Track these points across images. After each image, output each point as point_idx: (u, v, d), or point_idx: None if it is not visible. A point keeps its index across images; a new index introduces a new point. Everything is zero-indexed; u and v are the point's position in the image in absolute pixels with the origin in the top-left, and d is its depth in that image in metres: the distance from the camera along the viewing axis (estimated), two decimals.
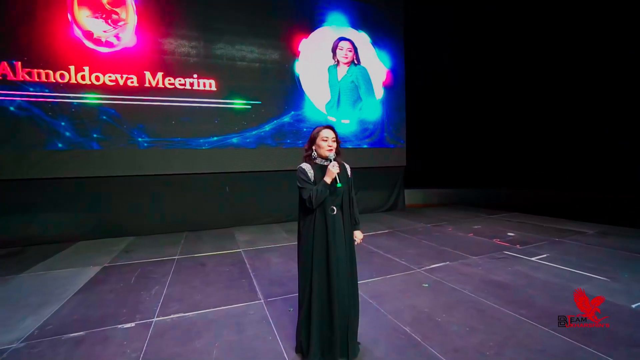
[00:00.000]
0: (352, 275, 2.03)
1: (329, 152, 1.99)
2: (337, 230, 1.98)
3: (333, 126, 2.11)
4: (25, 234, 5.00)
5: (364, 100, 7.42)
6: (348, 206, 2.08)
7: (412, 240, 5.00)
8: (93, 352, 2.20)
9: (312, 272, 1.93)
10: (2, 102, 4.73)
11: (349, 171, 2.17)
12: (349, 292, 1.97)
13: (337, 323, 1.88)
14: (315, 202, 1.90)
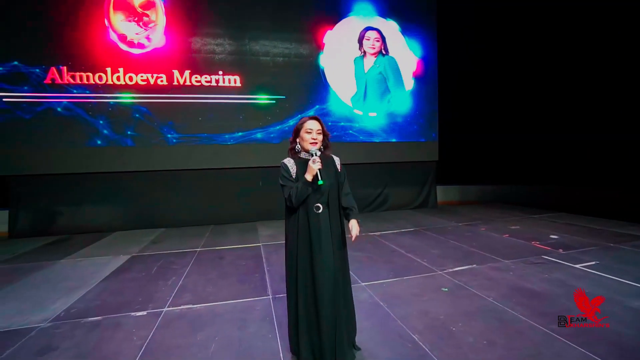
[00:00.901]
0: (343, 278, 1.88)
1: (312, 145, 1.84)
2: (323, 230, 1.82)
3: (319, 117, 1.93)
4: (71, 224, 5.50)
5: (393, 92, 7.09)
6: (336, 204, 1.90)
7: (439, 240, 4.67)
8: (103, 337, 2.31)
9: (297, 276, 1.81)
10: (51, 103, 5.22)
11: (338, 165, 1.99)
12: (337, 296, 1.81)
13: (324, 329, 1.76)
14: (296, 201, 1.77)
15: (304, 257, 1.80)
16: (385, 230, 5.39)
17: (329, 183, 1.85)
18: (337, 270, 1.83)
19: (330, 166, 1.93)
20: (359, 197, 7.04)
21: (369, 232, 5.26)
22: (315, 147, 1.83)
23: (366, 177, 7.13)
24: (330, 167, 1.93)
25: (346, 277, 1.92)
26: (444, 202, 8.24)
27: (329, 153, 2.00)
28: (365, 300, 2.78)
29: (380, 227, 5.58)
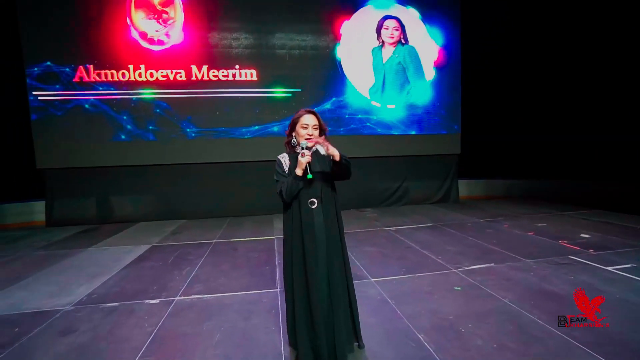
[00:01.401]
0: (341, 274, 1.83)
1: (308, 141, 1.76)
2: (317, 226, 1.78)
3: (315, 112, 1.85)
4: (100, 214, 5.83)
5: (412, 82, 6.84)
6: (331, 198, 1.85)
7: (457, 237, 4.49)
8: (117, 322, 2.43)
9: (293, 271, 1.79)
10: (80, 101, 5.52)
11: None
12: (333, 293, 1.77)
13: (319, 326, 1.73)
14: (287, 196, 1.74)
15: (298, 253, 1.77)
16: (401, 225, 5.26)
17: (322, 177, 1.81)
18: (333, 267, 1.79)
19: (326, 161, 1.86)
20: (377, 191, 6.94)
21: (385, 227, 5.16)
22: (305, 142, 1.75)
23: (384, 171, 6.98)
24: (326, 162, 1.86)
25: (344, 272, 1.86)
26: (468, 196, 7.92)
27: None
28: (373, 297, 2.73)
29: (396, 222, 5.46)
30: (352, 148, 6.66)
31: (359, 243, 4.34)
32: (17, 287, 3.17)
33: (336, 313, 1.77)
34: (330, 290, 1.76)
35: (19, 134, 5.88)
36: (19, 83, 5.49)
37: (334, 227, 1.85)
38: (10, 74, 5.65)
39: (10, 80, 5.68)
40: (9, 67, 5.64)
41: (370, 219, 5.83)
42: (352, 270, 3.30)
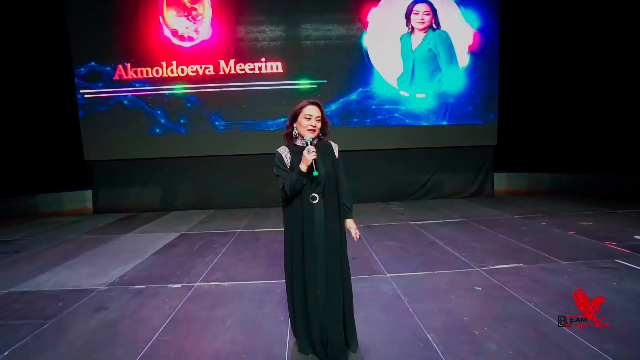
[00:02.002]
0: (340, 272, 1.80)
1: (310, 132, 1.73)
2: (317, 222, 1.76)
3: (319, 103, 1.80)
4: (138, 203, 6.30)
5: (444, 70, 6.46)
6: (334, 194, 1.80)
7: (486, 234, 4.23)
8: (142, 303, 2.62)
9: (293, 266, 1.79)
10: (119, 97, 5.94)
11: (336, 152, 1.87)
12: (332, 289, 1.75)
13: (316, 321, 1.74)
14: (290, 192, 1.71)
15: (298, 248, 1.77)
16: (427, 219, 5.06)
17: (326, 173, 1.76)
18: (331, 264, 1.76)
19: (328, 154, 1.83)
20: (405, 184, 6.72)
21: (409, 221, 5.00)
22: (310, 136, 1.73)
23: (412, 164, 6.74)
24: (327, 156, 1.83)
25: (342, 270, 1.82)
26: (506, 191, 7.42)
27: (326, 140, 1.90)
28: (386, 292, 2.67)
29: (422, 217, 5.26)
30: (379, 139, 6.51)
31: (380, 237, 4.25)
32: (64, 266, 3.54)
33: (334, 310, 1.76)
34: (327, 287, 1.75)
35: (74, 129, 6.46)
36: (69, 82, 6.04)
37: (335, 223, 1.81)
38: (61, 74, 6.24)
39: (61, 80, 6.27)
40: (59, 69, 6.22)
41: (396, 213, 5.69)
42: (369, 264, 3.29)
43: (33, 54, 6.55)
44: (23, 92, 6.69)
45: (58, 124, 6.90)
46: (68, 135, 6.76)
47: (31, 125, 6.83)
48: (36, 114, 6.80)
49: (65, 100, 6.26)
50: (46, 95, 6.79)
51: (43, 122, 6.87)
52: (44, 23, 6.48)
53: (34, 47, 6.54)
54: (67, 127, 6.71)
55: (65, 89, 6.20)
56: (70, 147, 6.71)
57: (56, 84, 6.57)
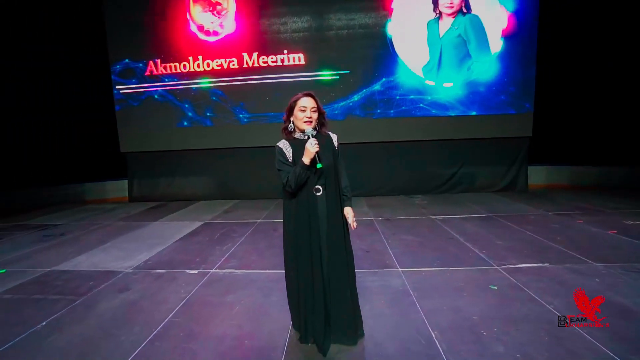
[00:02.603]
0: (341, 263, 1.80)
1: (307, 124, 1.74)
2: (321, 213, 1.79)
3: (313, 94, 1.79)
4: (168, 192, 6.67)
5: (475, 57, 6.08)
6: (335, 185, 1.81)
7: (512, 230, 3.98)
8: (160, 287, 2.80)
9: (297, 259, 1.81)
10: (150, 92, 6.28)
11: (335, 143, 1.88)
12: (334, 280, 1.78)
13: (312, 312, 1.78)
14: (295, 185, 1.73)
15: (302, 241, 1.79)
16: (450, 214, 4.87)
17: (327, 164, 1.77)
18: (335, 254, 1.78)
19: (328, 146, 1.83)
20: (430, 177, 6.49)
21: (431, 215, 4.84)
22: (309, 127, 1.74)
23: (438, 156, 6.47)
24: (328, 147, 1.83)
25: (344, 261, 1.82)
26: (544, 185, 6.91)
27: (325, 131, 1.89)
28: (395, 287, 2.62)
29: (446, 211, 5.06)
30: (403, 131, 6.32)
31: (397, 230, 4.17)
32: (99, 249, 3.86)
33: (339, 298, 1.79)
34: (332, 277, 1.78)
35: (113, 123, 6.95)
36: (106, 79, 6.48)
37: (337, 214, 1.82)
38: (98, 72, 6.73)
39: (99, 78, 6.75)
40: (96, 66, 6.70)
41: (418, 206, 5.52)
42: (382, 258, 3.25)
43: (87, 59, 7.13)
44: (66, 91, 7.29)
45: (101, 118, 7.45)
46: (110, 128, 7.29)
47: (77, 121, 7.45)
48: (79, 111, 7.40)
49: (105, 97, 6.70)
50: (87, 93, 7.35)
51: (87, 118, 7.46)
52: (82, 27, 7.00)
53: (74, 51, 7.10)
54: (110, 121, 7.23)
55: (104, 86, 6.64)
56: (111, 139, 7.24)
57: (95, 81, 7.08)
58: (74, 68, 7.27)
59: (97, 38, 6.58)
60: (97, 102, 7.15)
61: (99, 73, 6.80)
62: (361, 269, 2.98)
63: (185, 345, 1.99)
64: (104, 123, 7.15)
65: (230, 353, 1.91)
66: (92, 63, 7.07)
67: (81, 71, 7.31)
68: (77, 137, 7.51)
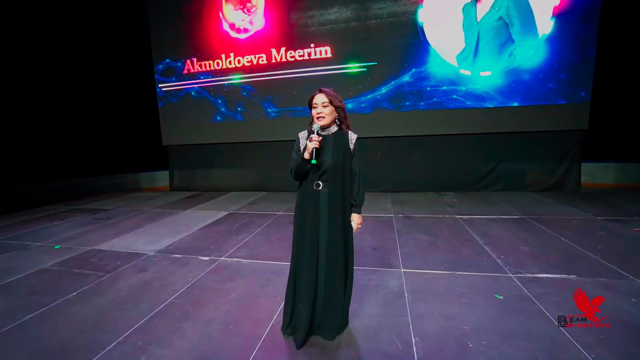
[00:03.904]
0: (336, 260, 1.83)
1: (319, 120, 1.78)
2: (322, 208, 1.82)
3: (326, 89, 1.80)
4: (204, 183, 7.15)
5: (518, 41, 5.47)
6: (338, 184, 1.81)
7: (544, 235, 3.58)
8: (173, 270, 3.05)
9: (297, 248, 1.90)
10: (187, 89, 6.74)
11: (351, 143, 1.85)
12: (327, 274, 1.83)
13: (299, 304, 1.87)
14: (294, 175, 1.84)
15: (302, 233, 1.86)
16: (478, 214, 4.52)
17: (333, 163, 1.79)
18: (332, 252, 1.82)
19: (340, 145, 1.82)
20: (464, 174, 6.09)
21: (456, 215, 4.54)
22: (317, 125, 1.78)
23: (473, 151, 6.02)
24: (339, 146, 1.82)
25: (344, 259, 1.85)
26: (593, 184, 6.08)
27: (345, 128, 1.89)
28: (390, 288, 2.54)
29: (474, 210, 4.71)
30: (434, 124, 5.98)
31: (414, 229, 3.99)
32: (133, 233, 4.31)
33: (331, 297, 1.84)
34: (327, 273, 1.82)
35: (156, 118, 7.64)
36: (150, 78, 7.10)
37: (337, 212, 1.83)
38: (143, 72, 7.39)
39: (144, 77, 7.42)
40: (141, 67, 7.36)
41: (445, 204, 5.21)
42: (387, 257, 3.18)
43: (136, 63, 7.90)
44: (109, 90, 8.14)
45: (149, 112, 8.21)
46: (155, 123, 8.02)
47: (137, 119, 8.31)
48: (126, 110, 8.25)
49: (150, 94, 7.37)
50: (133, 92, 8.14)
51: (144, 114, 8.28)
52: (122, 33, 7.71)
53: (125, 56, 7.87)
54: (156, 116, 7.95)
55: (148, 84, 7.29)
56: None
57: (139, 81, 7.80)
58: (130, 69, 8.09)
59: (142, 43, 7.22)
60: (142, 99, 7.87)
61: (145, 73, 7.48)
62: (362, 267, 2.94)
63: (177, 324, 2.16)
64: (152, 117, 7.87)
65: (214, 335, 2.03)
66: (139, 66, 7.79)
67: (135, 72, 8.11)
68: (136, 131, 8.38)
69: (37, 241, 4.09)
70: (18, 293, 2.75)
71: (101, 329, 2.17)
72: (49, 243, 4.00)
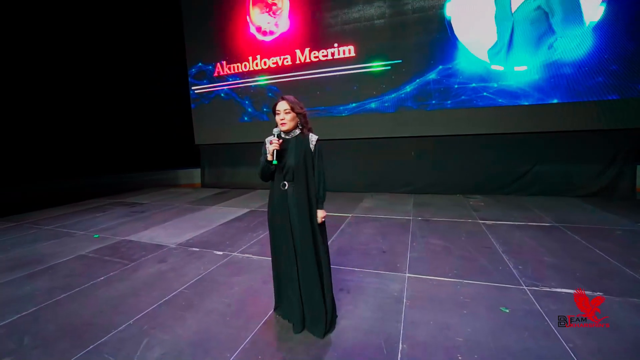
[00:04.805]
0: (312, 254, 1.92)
1: (281, 125, 1.94)
2: (290, 206, 1.94)
3: (288, 97, 1.95)
4: (232, 181, 7.48)
5: (560, 31, 5.00)
6: (302, 182, 1.93)
7: (577, 246, 3.25)
8: (189, 262, 3.26)
9: (273, 244, 2.06)
10: (217, 91, 7.09)
11: (311, 144, 1.98)
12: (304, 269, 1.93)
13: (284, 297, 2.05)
14: (260, 174, 2.00)
15: (272, 229, 2.02)
16: (504, 220, 4.22)
17: (294, 163, 1.92)
18: (304, 245, 1.91)
19: (301, 146, 1.96)
20: (494, 176, 5.74)
21: (479, 219, 4.29)
22: (277, 129, 1.95)
23: (505, 151, 5.62)
24: (301, 148, 1.96)
25: (313, 260, 1.92)
26: None
27: (306, 131, 2.03)
28: (389, 292, 2.49)
29: (500, 216, 4.41)
30: (461, 124, 5.69)
31: (430, 233, 3.84)
32: (161, 226, 4.65)
33: (305, 299, 1.94)
34: (301, 267, 1.93)
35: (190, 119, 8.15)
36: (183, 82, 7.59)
37: (304, 209, 1.93)
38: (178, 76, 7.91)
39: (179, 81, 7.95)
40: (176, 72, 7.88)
41: (470, 208, 4.94)
42: (394, 260, 3.13)
43: None
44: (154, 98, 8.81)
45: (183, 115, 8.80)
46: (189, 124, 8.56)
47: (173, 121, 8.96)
48: (167, 112, 8.88)
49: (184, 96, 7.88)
50: (173, 95, 8.75)
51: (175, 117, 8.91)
52: None
53: None
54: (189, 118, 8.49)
55: (182, 87, 7.80)
56: None
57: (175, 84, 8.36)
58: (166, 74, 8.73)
59: None
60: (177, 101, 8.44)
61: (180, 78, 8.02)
62: (365, 269, 2.91)
63: (181, 313, 2.32)
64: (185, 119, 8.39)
65: (211, 325, 2.15)
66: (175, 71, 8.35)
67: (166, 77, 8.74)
68: (176, 131, 9.03)
69: (81, 230, 4.59)
70: (58, 274, 3.13)
71: (117, 311, 2.39)
72: (90, 232, 4.47)
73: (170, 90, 8.63)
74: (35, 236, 4.44)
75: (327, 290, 1.98)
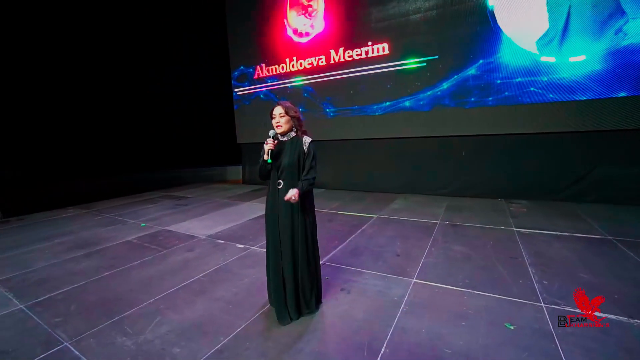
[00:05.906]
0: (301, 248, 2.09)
1: (277, 128, 2.13)
2: (283, 203, 2.06)
3: (283, 102, 2.13)
4: None
5: (632, 12, 4.30)
6: (295, 181, 2.09)
7: (627, 263, 2.81)
8: (212, 252, 3.54)
9: (266, 238, 2.20)
10: (257, 92, 7.46)
11: (305, 145, 2.12)
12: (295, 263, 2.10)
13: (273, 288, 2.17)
14: (258, 174, 2.18)
15: (267, 224, 2.19)
16: (544, 229, 3.80)
17: (288, 163, 2.08)
18: (295, 239, 2.08)
19: (295, 147, 2.11)
20: (544, 180, 5.18)
21: (515, 227, 3.92)
22: (273, 131, 2.12)
23: (556, 152, 5.01)
24: (295, 149, 2.11)
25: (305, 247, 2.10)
26: None
27: (300, 134, 2.18)
28: (389, 296, 2.44)
29: (542, 224, 3.97)
30: (504, 122, 5.24)
31: (455, 239, 3.63)
32: (197, 219, 5.09)
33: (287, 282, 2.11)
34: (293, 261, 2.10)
35: None
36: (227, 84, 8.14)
37: (295, 206, 2.08)
38: (222, 79, 8.50)
39: (223, 83, 8.54)
40: (221, 75, 8.47)
41: (509, 214, 4.52)
42: (405, 265, 3.10)
43: None
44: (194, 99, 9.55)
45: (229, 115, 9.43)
46: None
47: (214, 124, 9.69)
48: (209, 115, 9.59)
49: (228, 99, 8.45)
50: (215, 98, 9.42)
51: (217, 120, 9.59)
52: None
53: None
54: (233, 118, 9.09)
55: (226, 89, 8.37)
56: None
57: (219, 87, 8.99)
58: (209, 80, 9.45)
59: None
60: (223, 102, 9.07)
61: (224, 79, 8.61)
62: (373, 271, 2.89)
63: (193, 297, 2.57)
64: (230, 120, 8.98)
65: (214, 311, 2.35)
66: (220, 74, 8.98)
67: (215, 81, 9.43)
68: (226, 130, 9.78)
69: (132, 219, 5.24)
70: (106, 256, 3.64)
71: (143, 291, 2.73)
72: (139, 221, 5.09)
73: (217, 91, 9.36)
74: (98, 222, 5.19)
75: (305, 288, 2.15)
